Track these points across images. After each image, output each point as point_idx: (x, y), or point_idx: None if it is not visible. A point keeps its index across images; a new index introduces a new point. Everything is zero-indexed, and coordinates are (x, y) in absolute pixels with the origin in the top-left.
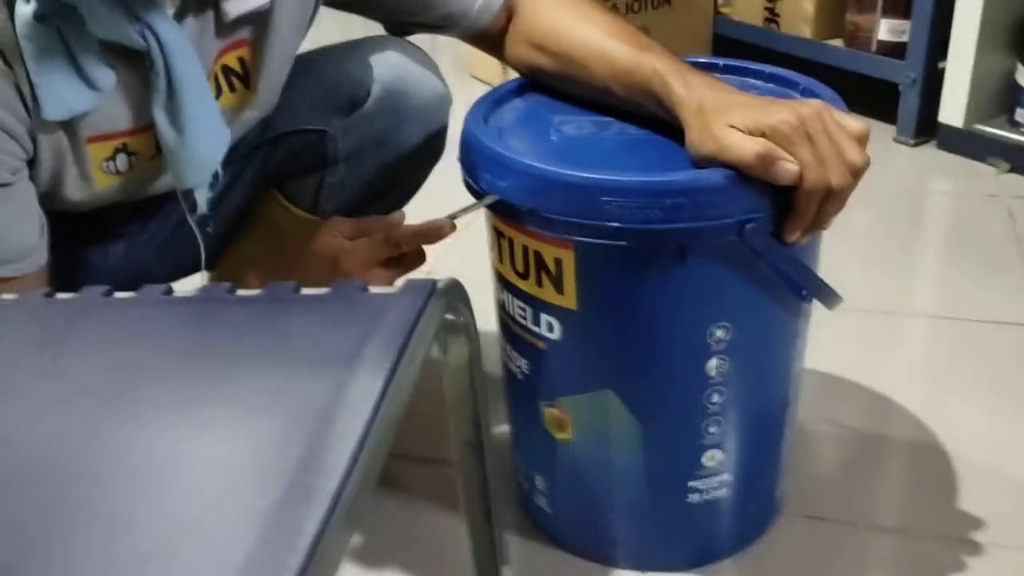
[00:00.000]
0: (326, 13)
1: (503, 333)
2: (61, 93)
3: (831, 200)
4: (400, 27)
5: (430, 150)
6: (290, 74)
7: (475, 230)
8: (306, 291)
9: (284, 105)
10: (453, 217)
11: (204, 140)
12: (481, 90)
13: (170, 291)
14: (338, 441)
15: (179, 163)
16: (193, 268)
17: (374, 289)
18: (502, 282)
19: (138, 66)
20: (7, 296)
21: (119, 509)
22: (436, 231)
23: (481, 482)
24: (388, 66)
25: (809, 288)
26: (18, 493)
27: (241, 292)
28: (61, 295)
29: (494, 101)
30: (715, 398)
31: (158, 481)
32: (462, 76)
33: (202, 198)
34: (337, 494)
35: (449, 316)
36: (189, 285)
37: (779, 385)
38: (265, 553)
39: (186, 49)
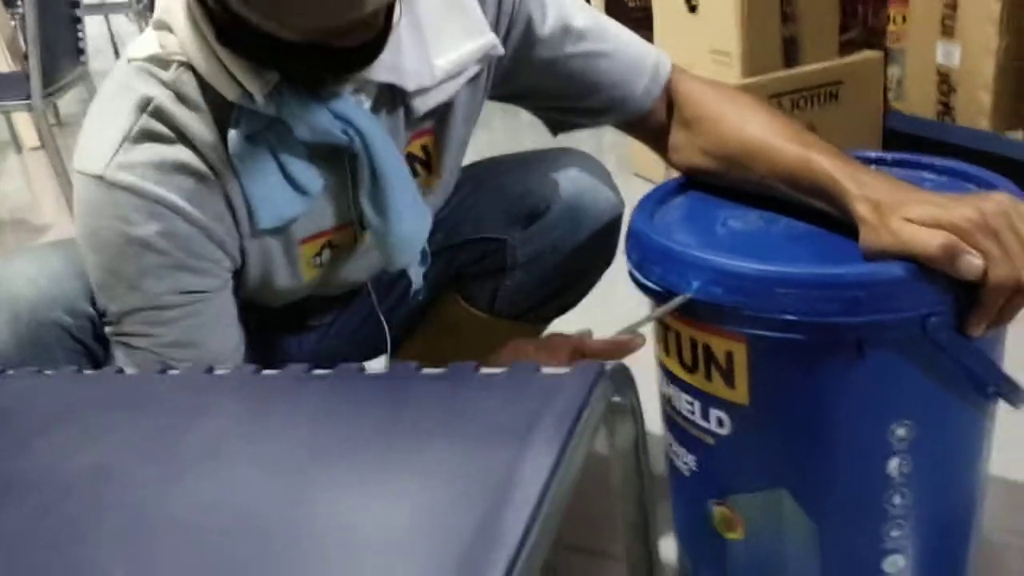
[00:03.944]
0: (494, 119)
1: (668, 428)
2: (274, 202)
3: (1019, 295)
4: (562, 119)
5: (604, 254)
6: (472, 184)
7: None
8: (485, 370)
9: (468, 214)
10: (635, 328)
11: (408, 221)
12: (644, 187)
13: (363, 369)
14: (513, 510)
15: (387, 246)
16: (375, 354)
17: (546, 370)
18: (667, 375)
19: (339, 166)
20: (220, 370)
21: (308, 569)
22: (627, 348)
23: (647, 569)
24: (567, 179)
25: (994, 384)
26: (228, 548)
27: (426, 370)
28: (267, 371)
29: (659, 198)
30: (897, 500)
31: (349, 540)
32: (625, 174)
33: (416, 276)
34: (512, 559)
35: (616, 398)
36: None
37: (966, 488)
38: None
39: (385, 138)
